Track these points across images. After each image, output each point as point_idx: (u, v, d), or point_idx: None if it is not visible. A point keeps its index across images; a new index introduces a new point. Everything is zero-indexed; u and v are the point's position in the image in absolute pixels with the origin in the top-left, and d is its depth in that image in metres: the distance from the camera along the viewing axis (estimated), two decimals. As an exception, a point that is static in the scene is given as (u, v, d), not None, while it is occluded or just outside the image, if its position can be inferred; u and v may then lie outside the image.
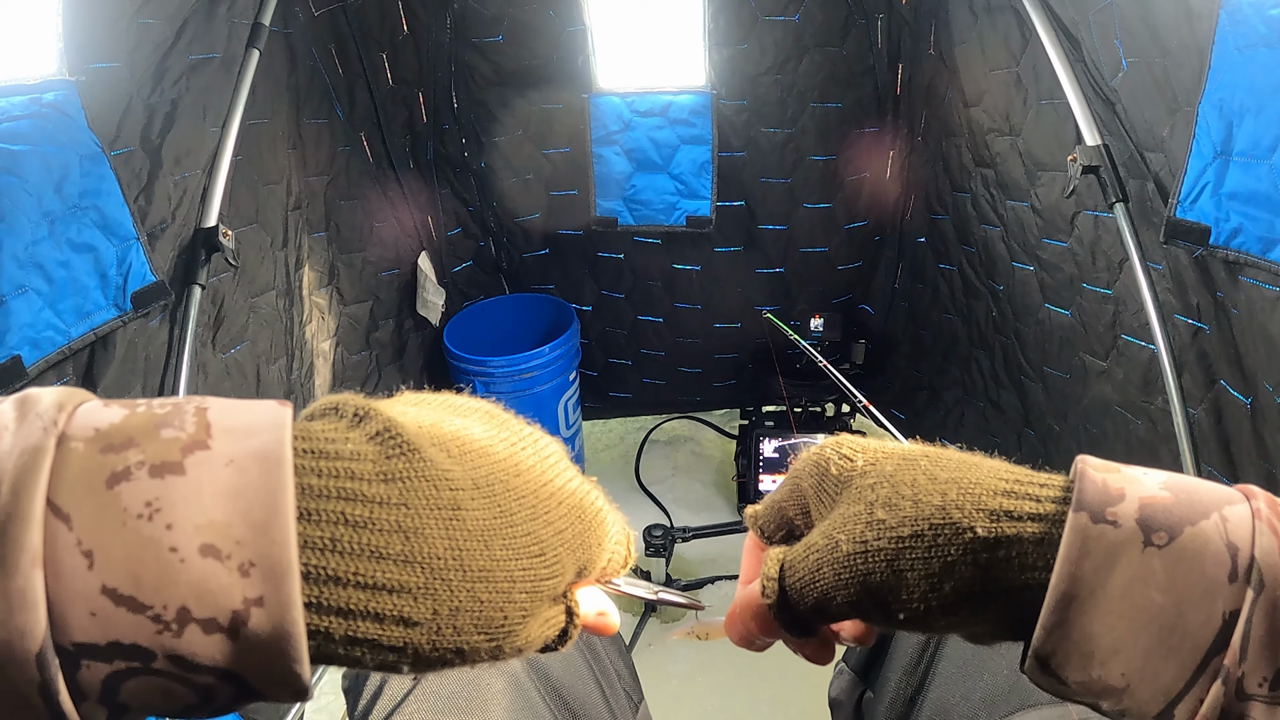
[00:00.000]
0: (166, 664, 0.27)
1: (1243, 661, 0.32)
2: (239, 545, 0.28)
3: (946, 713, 0.73)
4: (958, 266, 1.95)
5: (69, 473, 0.27)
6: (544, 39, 1.98)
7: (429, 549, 0.32)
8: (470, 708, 0.68)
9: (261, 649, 0.28)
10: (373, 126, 2.03)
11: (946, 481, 0.38)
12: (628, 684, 0.91)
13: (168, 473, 0.28)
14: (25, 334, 1.05)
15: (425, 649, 0.32)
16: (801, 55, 1.95)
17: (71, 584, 0.26)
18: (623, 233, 2.16)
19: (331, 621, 0.30)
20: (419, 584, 0.31)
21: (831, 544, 0.40)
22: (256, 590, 0.28)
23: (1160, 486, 0.35)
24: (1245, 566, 0.32)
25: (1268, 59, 0.96)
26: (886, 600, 0.39)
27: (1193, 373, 1.23)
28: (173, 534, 0.27)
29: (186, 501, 0.28)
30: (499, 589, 0.34)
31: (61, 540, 0.26)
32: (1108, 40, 1.23)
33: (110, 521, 0.27)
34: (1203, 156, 1.07)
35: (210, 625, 0.27)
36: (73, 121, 1.11)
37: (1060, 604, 0.34)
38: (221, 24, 1.40)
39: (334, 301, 1.89)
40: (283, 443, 0.29)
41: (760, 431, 2.13)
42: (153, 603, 0.27)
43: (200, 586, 0.27)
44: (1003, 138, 1.63)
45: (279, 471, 0.29)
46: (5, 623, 0.25)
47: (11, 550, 0.26)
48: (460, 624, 0.33)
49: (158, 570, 0.27)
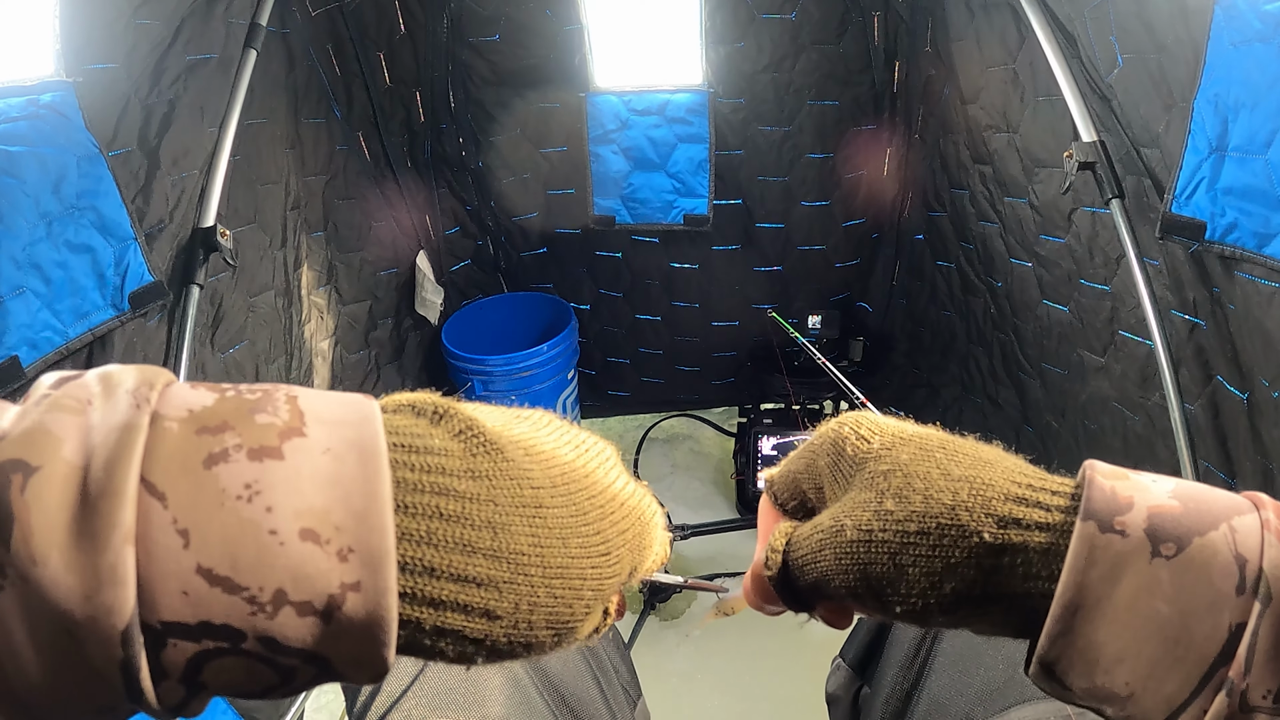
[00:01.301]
0: (255, 645, 0.28)
1: (1248, 674, 0.32)
2: (338, 531, 0.28)
3: (943, 707, 0.73)
4: (956, 264, 1.95)
5: (164, 451, 0.27)
6: (541, 38, 1.98)
7: (515, 545, 0.33)
8: (468, 703, 0.68)
9: (353, 634, 0.28)
10: (370, 126, 2.03)
11: (959, 479, 0.38)
12: (626, 680, 0.91)
13: (266, 457, 0.28)
14: (23, 334, 1.05)
15: (502, 642, 0.33)
16: (798, 53, 1.95)
17: (164, 563, 0.26)
18: (620, 231, 2.16)
19: (423, 612, 0.31)
20: (505, 579, 0.32)
21: (837, 528, 0.40)
22: (354, 576, 0.28)
23: (1169, 495, 0.35)
24: (1253, 579, 0.32)
25: (1263, 54, 0.96)
26: (885, 592, 0.39)
27: (1190, 368, 1.23)
28: (272, 517, 0.27)
29: (286, 486, 0.28)
30: (571, 586, 0.35)
31: (156, 518, 0.26)
32: (1103, 36, 1.23)
33: (208, 502, 0.27)
34: (1198, 152, 1.08)
35: (305, 608, 0.28)
36: (70, 122, 1.11)
37: (1066, 612, 0.34)
38: (219, 24, 1.40)
39: (333, 301, 1.89)
40: (377, 435, 0.30)
41: (759, 429, 2.13)
42: (249, 584, 0.27)
43: (298, 570, 0.27)
44: (1000, 134, 1.63)
45: (376, 462, 0.29)
46: (92, 598, 0.25)
47: (103, 526, 0.26)
48: (535, 619, 0.34)
49: (256, 552, 0.27)
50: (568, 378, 2.24)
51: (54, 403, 0.28)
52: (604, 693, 0.81)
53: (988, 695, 0.71)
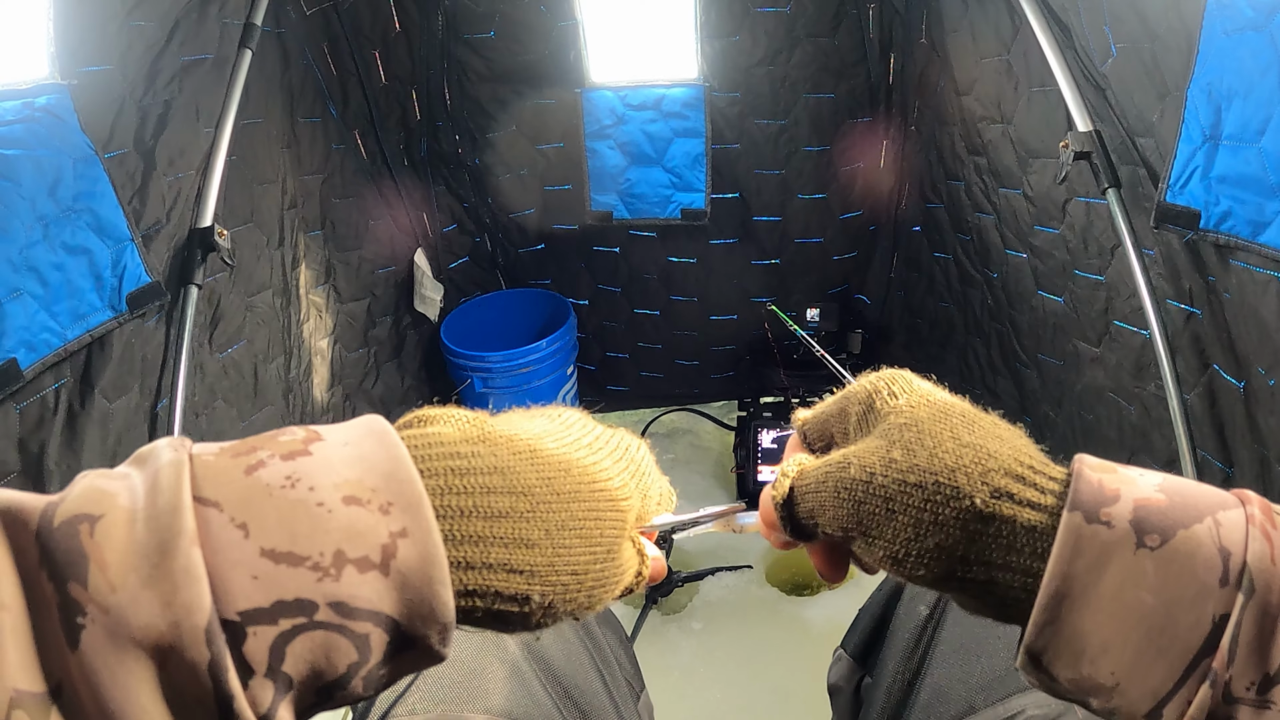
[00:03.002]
0: (328, 613, 0.30)
1: (1231, 665, 0.32)
2: (375, 491, 0.32)
3: (944, 696, 0.74)
4: (953, 255, 1.96)
5: (208, 474, 0.31)
6: (536, 34, 1.98)
7: (523, 481, 0.37)
8: (472, 696, 0.69)
9: (412, 580, 0.31)
10: (366, 124, 2.03)
11: (967, 445, 0.39)
12: (629, 673, 0.91)
13: (297, 456, 0.32)
14: (21, 337, 1.05)
15: (546, 569, 0.36)
16: (793, 46, 1.95)
17: (230, 554, 0.29)
18: (618, 226, 2.16)
19: (468, 550, 0.34)
20: (526, 508, 0.36)
21: (843, 464, 0.42)
22: (399, 523, 0.31)
23: (1156, 489, 0.36)
24: (1237, 571, 0.33)
25: (1255, 42, 0.96)
26: (872, 533, 0.40)
27: (1186, 357, 1.23)
28: (316, 493, 0.31)
29: (321, 469, 0.32)
30: (589, 507, 0.39)
31: (214, 521, 0.29)
32: (1097, 26, 1.23)
33: (257, 496, 0.30)
34: (1192, 141, 1.08)
35: (364, 564, 0.30)
36: (66, 125, 1.11)
37: (1052, 602, 0.35)
38: (213, 25, 1.40)
39: (331, 299, 1.89)
40: (384, 423, 0.35)
41: (758, 423, 2.14)
42: (310, 553, 0.30)
43: (350, 529, 0.31)
44: (995, 125, 1.64)
45: (389, 437, 0.34)
46: (172, 602, 0.27)
47: (170, 537, 0.28)
48: (569, 542, 0.38)
49: (310, 523, 0.30)
50: (567, 373, 2.24)
51: (97, 474, 0.31)
52: (607, 685, 0.82)
53: (989, 684, 0.72)
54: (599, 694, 0.79)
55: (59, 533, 0.28)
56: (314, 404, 1.78)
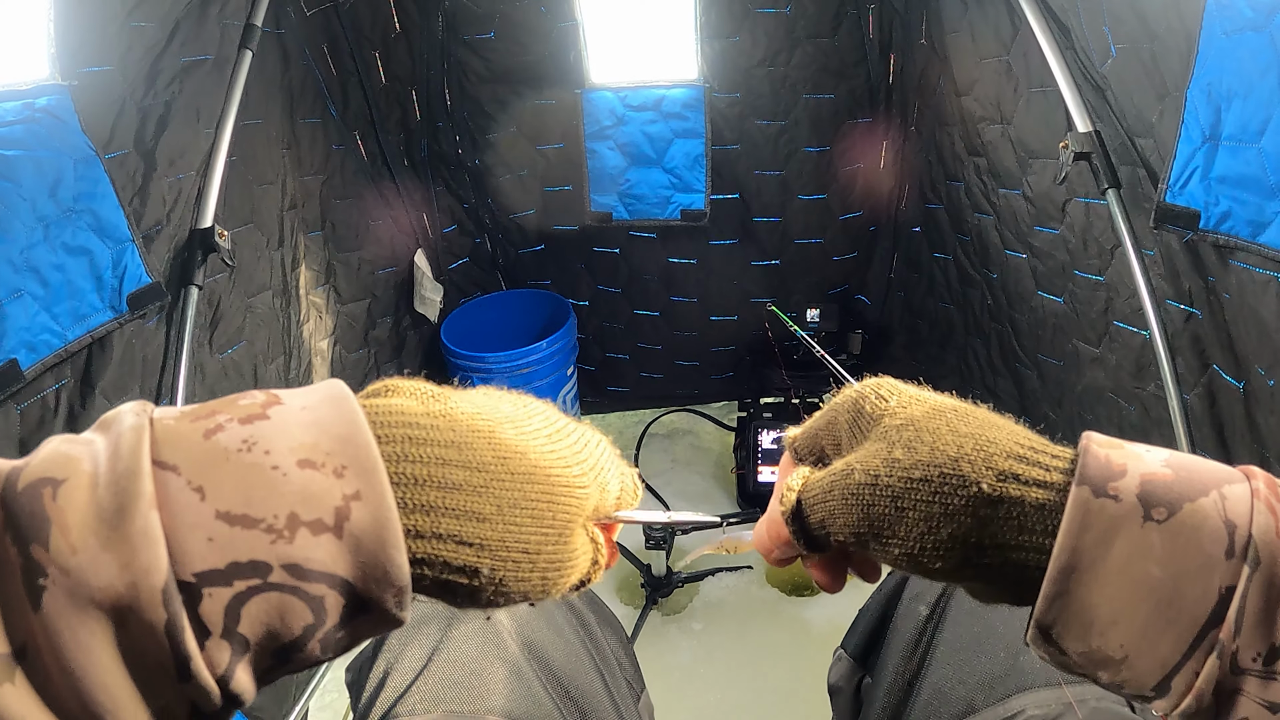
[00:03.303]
0: (282, 575, 0.30)
1: (1237, 636, 0.33)
2: (329, 455, 0.32)
3: (944, 696, 0.74)
4: (953, 255, 1.96)
5: (167, 437, 0.31)
6: (536, 35, 1.98)
7: (479, 457, 0.37)
8: (472, 696, 0.69)
9: (365, 542, 0.32)
10: (367, 125, 2.03)
11: (965, 435, 0.40)
12: (629, 673, 0.91)
13: (255, 420, 0.32)
14: (22, 338, 1.05)
15: (496, 545, 0.37)
16: (793, 47, 1.95)
17: (187, 517, 0.29)
18: (618, 227, 2.16)
19: (419, 519, 0.34)
20: (479, 483, 0.36)
21: (847, 470, 0.43)
22: (353, 486, 0.32)
23: (1162, 464, 0.36)
24: (1242, 543, 0.33)
25: (1254, 43, 0.96)
26: (884, 533, 0.40)
27: (1186, 357, 1.23)
28: (272, 457, 0.31)
29: (277, 434, 0.32)
30: (544, 489, 0.39)
31: (172, 484, 0.30)
32: (1096, 27, 1.23)
33: (214, 460, 0.31)
34: (1191, 141, 1.08)
35: (318, 526, 0.31)
36: (66, 126, 1.11)
37: (1062, 574, 0.35)
38: (213, 25, 1.40)
39: (331, 300, 1.89)
40: (344, 389, 0.35)
41: (758, 423, 2.14)
42: (264, 515, 0.30)
43: (304, 492, 0.31)
44: (994, 126, 1.64)
45: (348, 404, 0.34)
46: (130, 564, 0.28)
47: (128, 500, 0.29)
48: (520, 520, 0.38)
49: (265, 487, 0.31)
50: (567, 374, 2.24)
51: (61, 440, 0.31)
52: (608, 686, 0.82)
53: (989, 683, 0.72)
54: (599, 694, 0.79)
55: (23, 496, 0.29)
56: (314, 405, 1.77)
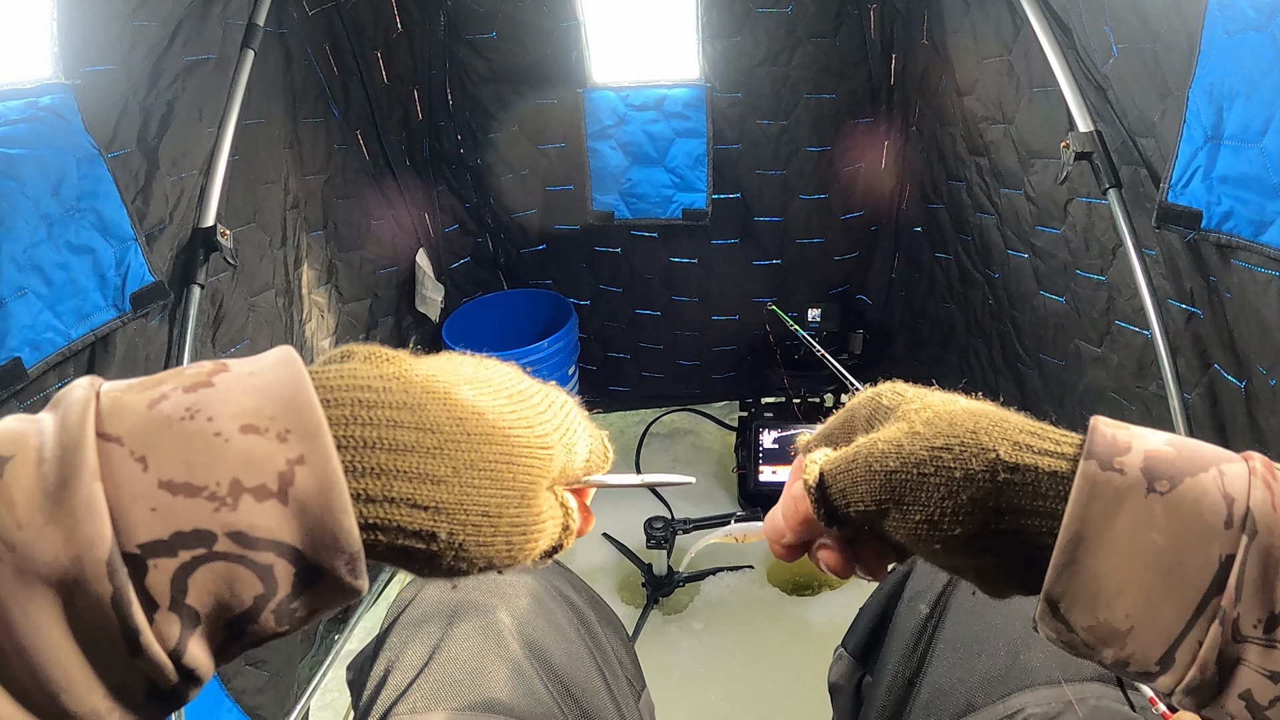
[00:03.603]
0: (227, 543, 0.30)
1: (1238, 602, 0.34)
2: (273, 420, 0.31)
3: (944, 695, 0.74)
4: (954, 255, 1.96)
5: (112, 409, 0.31)
6: (537, 35, 1.98)
7: (434, 419, 0.36)
8: (473, 694, 0.69)
9: (311, 507, 0.31)
10: (368, 125, 2.03)
11: (982, 415, 0.43)
12: (630, 672, 0.92)
13: (200, 388, 0.32)
14: (25, 336, 1.05)
15: (454, 510, 0.36)
16: (795, 47, 1.95)
17: (130, 487, 0.29)
18: (619, 227, 2.17)
19: (369, 482, 0.34)
20: (434, 444, 0.36)
21: (871, 442, 0.44)
22: (296, 450, 0.31)
23: (1165, 443, 0.38)
24: (1240, 515, 0.35)
25: (1256, 43, 0.96)
26: (906, 499, 0.42)
27: (1187, 357, 1.23)
28: (214, 424, 0.31)
29: (221, 399, 0.31)
30: (503, 450, 0.38)
31: (115, 455, 0.29)
32: (1098, 26, 1.24)
33: (157, 429, 0.30)
34: (1193, 141, 1.08)
35: (261, 492, 0.30)
36: (69, 125, 1.11)
37: (1070, 544, 0.37)
38: (216, 25, 1.40)
39: (333, 299, 1.90)
40: (292, 353, 0.35)
41: (759, 423, 2.14)
42: (206, 482, 0.30)
43: (247, 457, 0.30)
44: (996, 126, 1.64)
45: (295, 366, 0.34)
46: (74, 536, 0.28)
47: (72, 472, 0.28)
48: (479, 483, 0.37)
49: (206, 453, 0.30)
50: (568, 374, 2.24)
51: (13, 419, 0.31)
52: (608, 684, 0.82)
53: (989, 682, 0.72)
54: (600, 692, 0.80)
55: None
56: (316, 404, 1.78)
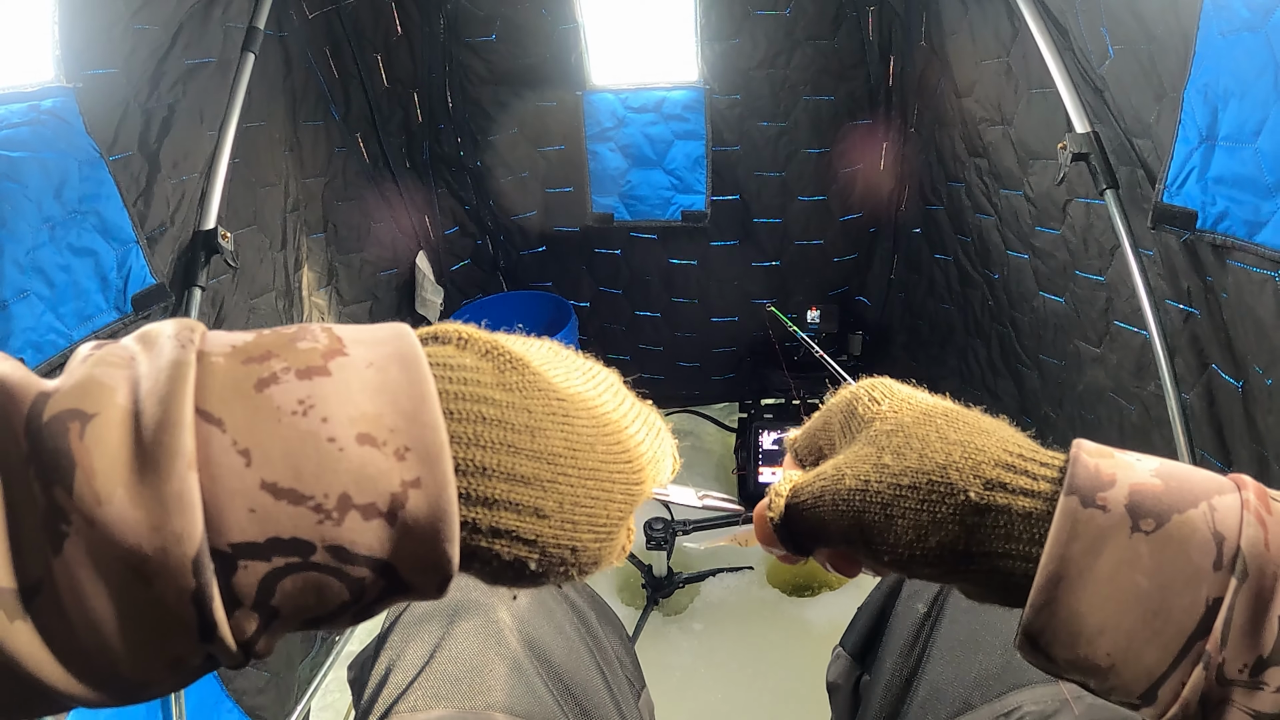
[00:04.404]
0: (325, 556, 0.28)
1: (1224, 648, 0.33)
2: (393, 433, 0.29)
3: (941, 693, 0.74)
4: (953, 256, 1.96)
5: (215, 382, 0.28)
6: (537, 37, 1.99)
7: (552, 447, 0.34)
8: (473, 692, 0.69)
9: (417, 532, 0.29)
10: (369, 128, 2.04)
11: (954, 443, 0.40)
12: (629, 671, 0.92)
13: (315, 375, 0.29)
14: (27, 337, 1.06)
15: (551, 543, 0.34)
16: (793, 49, 1.96)
17: (229, 483, 0.27)
18: (619, 228, 2.17)
19: (479, 512, 0.32)
20: (548, 477, 0.34)
21: (838, 475, 0.43)
22: (413, 472, 0.29)
23: (1152, 474, 0.36)
24: (1230, 555, 0.33)
25: (1251, 43, 0.97)
26: (875, 541, 0.41)
27: (1185, 357, 1.24)
28: (329, 426, 0.28)
29: (338, 397, 0.29)
30: (604, 488, 0.37)
31: (216, 443, 0.27)
32: (1094, 28, 1.24)
33: (265, 420, 0.28)
34: (1188, 141, 1.08)
35: (370, 511, 0.28)
36: (71, 127, 1.12)
37: (1049, 584, 0.35)
38: (216, 28, 1.41)
39: (333, 302, 1.90)
40: (415, 347, 0.31)
41: (759, 424, 2.14)
42: (313, 492, 0.27)
43: (360, 472, 0.28)
44: (995, 127, 1.64)
45: (419, 369, 0.30)
46: (160, 528, 0.26)
47: (165, 456, 0.26)
48: (578, 519, 0.35)
49: (317, 461, 0.28)
50: (568, 375, 2.24)
51: (98, 360, 0.28)
52: (608, 683, 0.82)
53: (985, 680, 0.72)
54: (600, 691, 0.80)
55: (48, 429, 0.26)
56: (316, 405, 1.78)
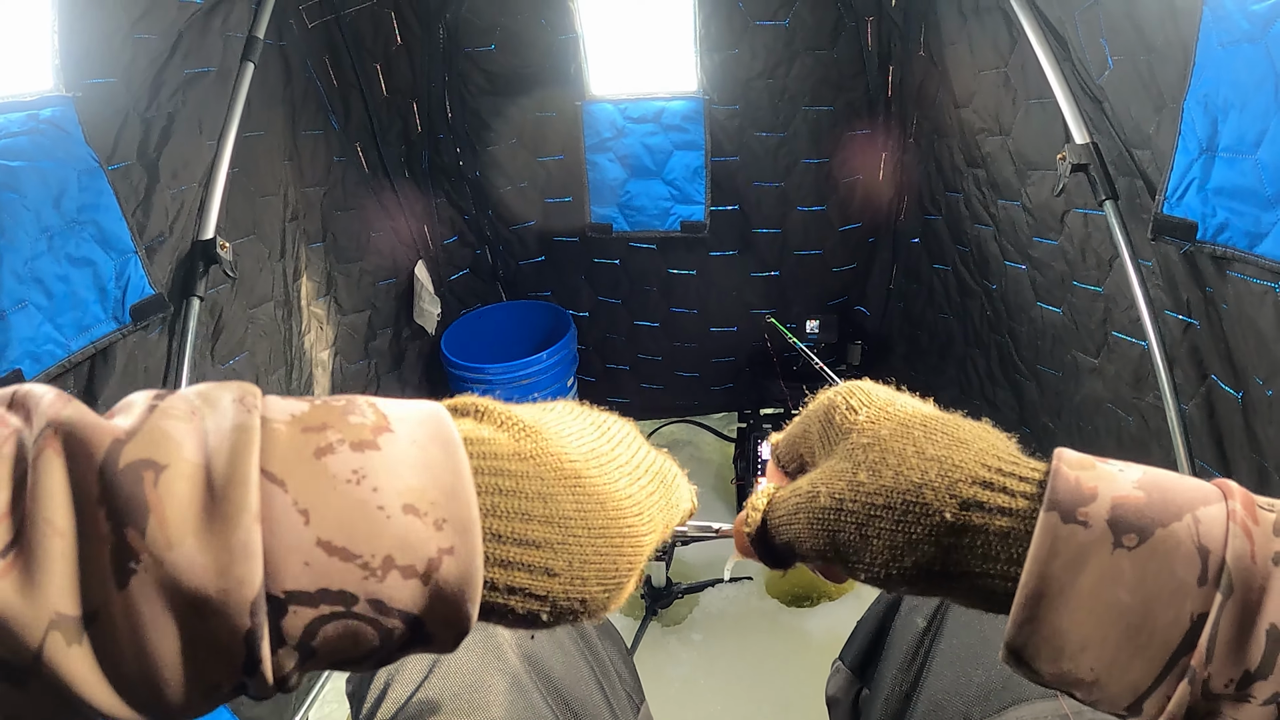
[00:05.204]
0: (365, 607, 0.31)
1: (1209, 663, 0.32)
2: (433, 505, 0.33)
3: (941, 708, 0.74)
4: (952, 266, 1.96)
5: (278, 447, 0.31)
6: (536, 47, 1.99)
7: (561, 510, 0.37)
8: (472, 708, 0.69)
9: (447, 593, 0.33)
10: (368, 137, 2.04)
11: (931, 459, 0.40)
12: (629, 685, 0.91)
13: (366, 448, 0.32)
14: (25, 348, 1.05)
15: (561, 597, 0.37)
16: (792, 59, 1.96)
17: (287, 538, 0.30)
18: (618, 239, 2.17)
19: (496, 572, 0.35)
20: (558, 539, 0.37)
21: (813, 493, 0.43)
22: (449, 541, 0.32)
23: (1134, 486, 0.36)
24: (1215, 570, 0.33)
25: (1251, 54, 0.97)
26: (850, 558, 0.41)
27: (1184, 368, 1.24)
28: (378, 495, 0.32)
29: (387, 470, 0.32)
30: (613, 544, 0.39)
31: (278, 501, 0.30)
32: (1094, 38, 1.24)
33: (322, 485, 0.31)
34: (1188, 152, 1.08)
35: (409, 571, 0.32)
36: (70, 137, 1.12)
37: (1030, 600, 0.35)
38: (216, 38, 1.41)
39: (332, 311, 1.90)
40: (453, 429, 0.35)
41: (758, 434, 2.14)
42: (362, 552, 0.31)
43: (404, 538, 0.32)
44: (993, 137, 1.64)
45: (457, 450, 0.34)
46: (226, 573, 0.28)
47: (233, 509, 0.29)
48: (587, 575, 0.38)
49: (368, 525, 0.31)
50: (567, 385, 2.24)
51: (163, 411, 0.31)
52: (607, 698, 0.82)
53: (986, 695, 0.72)
54: (599, 706, 0.79)
55: (123, 475, 0.29)
56: (315, 415, 1.78)
